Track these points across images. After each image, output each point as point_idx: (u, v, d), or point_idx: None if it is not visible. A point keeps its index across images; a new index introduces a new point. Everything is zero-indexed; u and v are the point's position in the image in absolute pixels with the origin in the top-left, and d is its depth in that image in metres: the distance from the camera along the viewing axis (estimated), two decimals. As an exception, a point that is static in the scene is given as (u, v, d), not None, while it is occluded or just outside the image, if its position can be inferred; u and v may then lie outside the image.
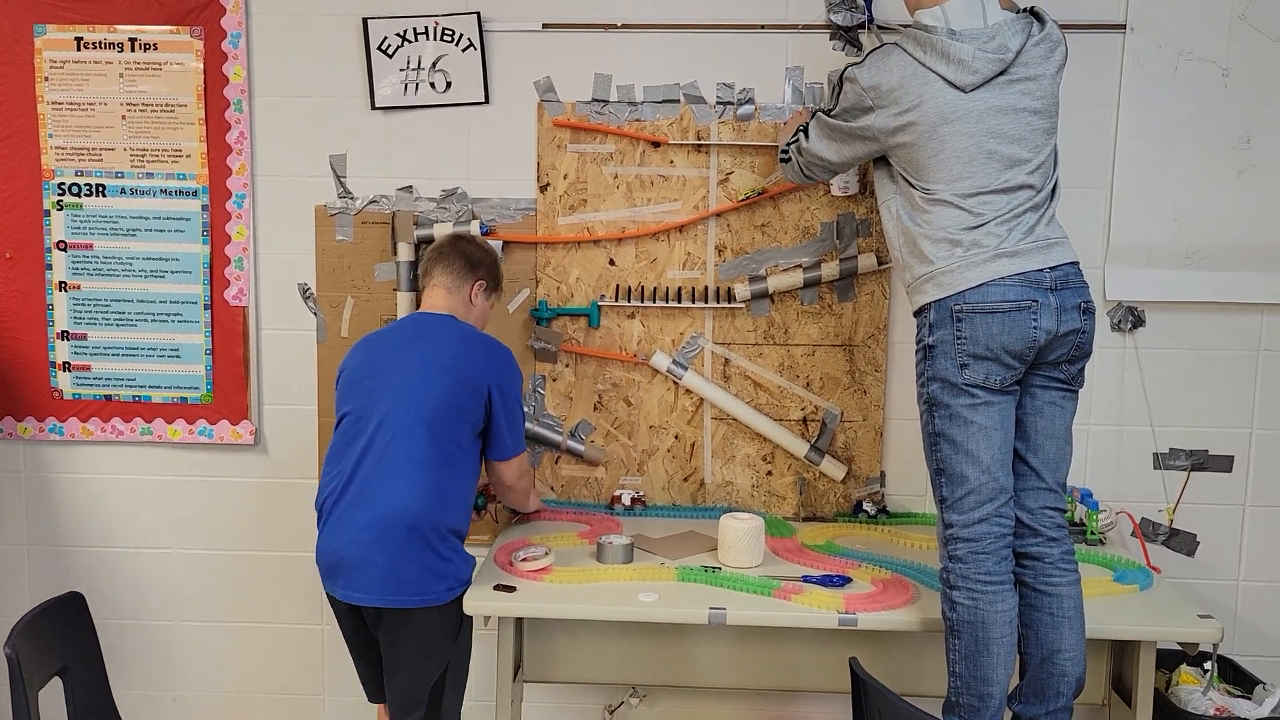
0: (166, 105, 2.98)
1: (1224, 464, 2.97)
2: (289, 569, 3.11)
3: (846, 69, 2.37)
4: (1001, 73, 2.22)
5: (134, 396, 3.08)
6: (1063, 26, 2.78)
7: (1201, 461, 2.97)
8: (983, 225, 2.22)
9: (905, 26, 2.81)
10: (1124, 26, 2.83)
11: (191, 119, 2.98)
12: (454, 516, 2.48)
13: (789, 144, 2.58)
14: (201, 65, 2.96)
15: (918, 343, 2.31)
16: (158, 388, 3.07)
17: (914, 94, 2.24)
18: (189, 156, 3.00)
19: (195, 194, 3.01)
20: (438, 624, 2.46)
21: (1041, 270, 2.21)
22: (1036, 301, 2.19)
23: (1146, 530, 2.99)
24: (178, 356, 3.06)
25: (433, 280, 2.64)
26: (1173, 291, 2.91)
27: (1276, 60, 2.82)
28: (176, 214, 3.02)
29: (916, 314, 2.32)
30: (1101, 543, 2.86)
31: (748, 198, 2.93)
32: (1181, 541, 2.99)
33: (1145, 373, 2.96)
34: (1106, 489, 2.97)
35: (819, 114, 2.47)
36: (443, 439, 2.45)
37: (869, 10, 2.84)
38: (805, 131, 2.51)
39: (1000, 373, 2.21)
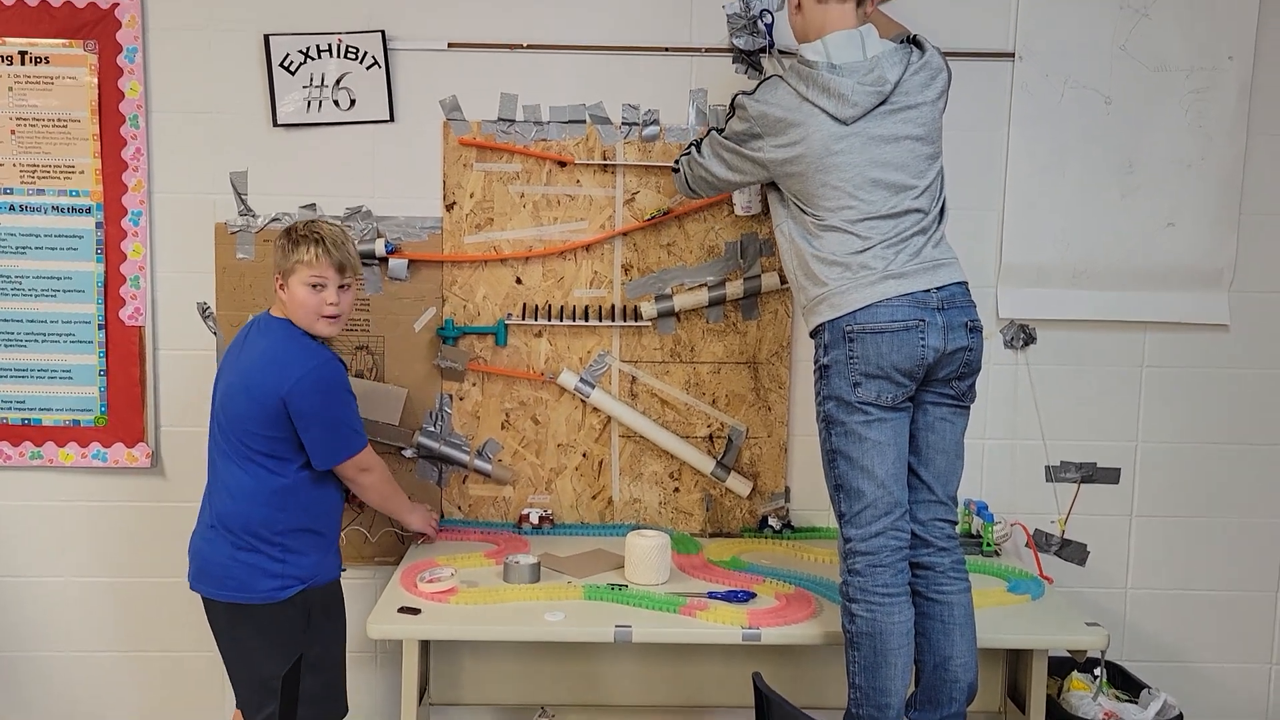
0: (59, 120, 2.90)
1: (1112, 476, 3.09)
2: (188, 596, 3.02)
3: (738, 94, 2.43)
4: (881, 103, 2.29)
5: (24, 420, 2.98)
6: (954, 54, 2.89)
7: (1090, 474, 3.08)
8: (870, 249, 2.28)
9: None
10: (1013, 55, 2.94)
11: (85, 134, 2.91)
12: (280, 519, 2.46)
13: (681, 156, 2.63)
14: (95, 80, 2.89)
15: (815, 363, 2.36)
16: (49, 410, 2.98)
17: (799, 127, 2.31)
18: (82, 173, 2.92)
19: (89, 211, 2.93)
20: (273, 620, 2.46)
21: (929, 290, 2.28)
22: (924, 321, 2.26)
23: (1039, 541, 3.09)
24: (70, 378, 2.97)
25: None
26: (1061, 310, 3.02)
27: (1155, 89, 2.95)
28: (69, 231, 2.94)
29: (812, 335, 2.37)
30: (997, 554, 2.95)
31: (653, 217, 2.96)
32: (1073, 551, 3.10)
33: (1037, 388, 3.06)
34: (1001, 501, 3.06)
35: (713, 131, 2.52)
36: (255, 452, 2.45)
37: (770, 35, 2.90)
38: (698, 146, 2.56)
39: (891, 390, 2.27)
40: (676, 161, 2.65)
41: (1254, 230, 3.01)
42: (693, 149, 2.58)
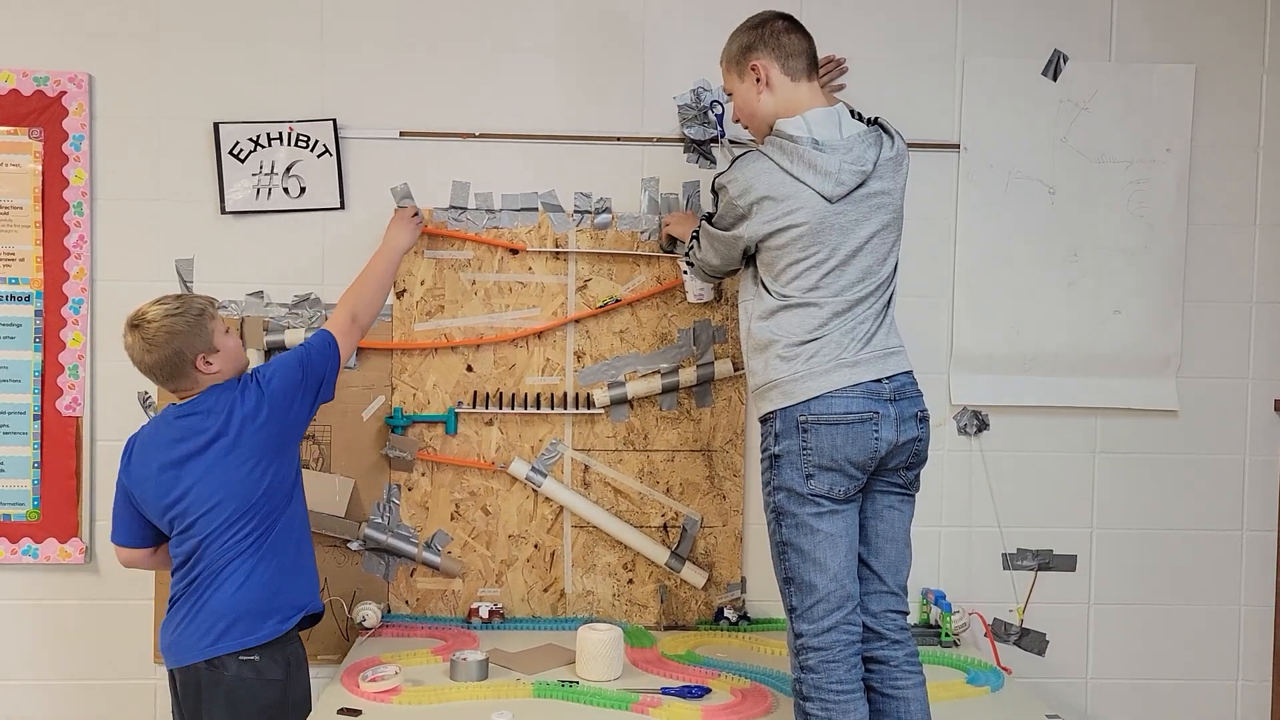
0: (0, 207, 2.86)
1: (1068, 563, 3.07)
2: (126, 696, 2.90)
3: (716, 178, 2.37)
4: (861, 184, 2.26)
5: (-49, 513, 2.87)
6: (901, 145, 2.93)
7: (1047, 561, 3.06)
8: (826, 335, 2.25)
9: (751, 142, 2.93)
10: (958, 146, 3.00)
11: (27, 221, 2.86)
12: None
13: (687, 252, 2.59)
14: (40, 167, 2.85)
15: (763, 451, 2.31)
16: (-21, 503, 2.87)
17: (787, 200, 2.24)
18: (23, 260, 2.87)
19: (28, 299, 2.87)
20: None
21: (880, 380, 2.26)
22: (878, 413, 2.23)
23: (998, 630, 3.05)
24: (2, 470, 2.87)
25: None
26: (1013, 396, 3.03)
27: (1096, 180, 3.02)
28: (7, 320, 2.87)
29: (762, 421, 2.32)
30: (956, 644, 2.90)
31: (604, 305, 2.95)
32: (1032, 641, 3.06)
33: (991, 474, 3.05)
34: (959, 590, 3.02)
35: (704, 222, 2.45)
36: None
37: (720, 125, 2.93)
38: (697, 239, 2.52)
39: (844, 483, 2.23)
40: (687, 257, 2.58)
41: (1198, 317, 3.06)
42: (694, 243, 2.52)
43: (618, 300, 2.95)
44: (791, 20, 2.39)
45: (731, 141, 2.95)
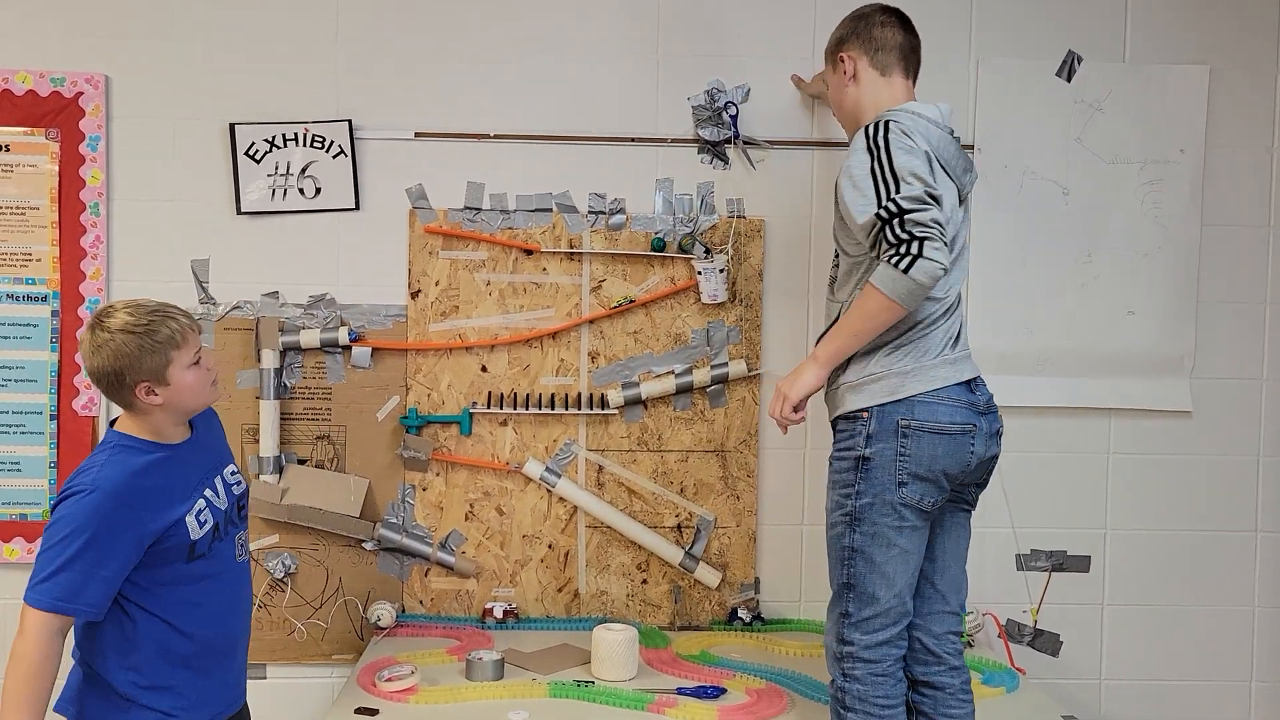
0: (17, 208, 2.87)
1: (1082, 564, 3.07)
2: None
3: (868, 142, 2.11)
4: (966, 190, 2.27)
5: (-32, 513, 2.88)
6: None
7: (1061, 562, 3.06)
8: (933, 331, 2.16)
9: (769, 144, 2.93)
10: (972, 147, 3.00)
11: (44, 222, 2.87)
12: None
13: (895, 247, 2.03)
14: (56, 168, 2.86)
15: (845, 451, 2.18)
16: (-5, 503, 2.89)
17: (941, 182, 2.14)
18: (40, 260, 2.88)
19: (45, 299, 2.88)
20: None
21: (974, 388, 2.18)
22: (975, 426, 2.16)
23: (1012, 631, 3.05)
24: (19, 470, 2.89)
25: None
26: (1027, 396, 3.03)
27: (1110, 181, 3.02)
28: (24, 320, 2.88)
29: (848, 419, 2.18)
30: (970, 645, 2.90)
31: (619, 305, 2.95)
32: (1045, 642, 3.06)
33: (1005, 475, 3.04)
34: (973, 591, 2.96)
35: (895, 219, 2.03)
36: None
37: (735, 126, 2.94)
38: (907, 249, 2.02)
39: (934, 495, 2.15)
40: (895, 251, 2.04)
41: (1211, 318, 3.06)
42: (899, 260, 2.02)
43: (632, 301, 2.95)
44: (893, 13, 2.32)
45: (746, 143, 2.95)
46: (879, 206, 2.06)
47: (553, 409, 2.96)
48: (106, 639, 2.01)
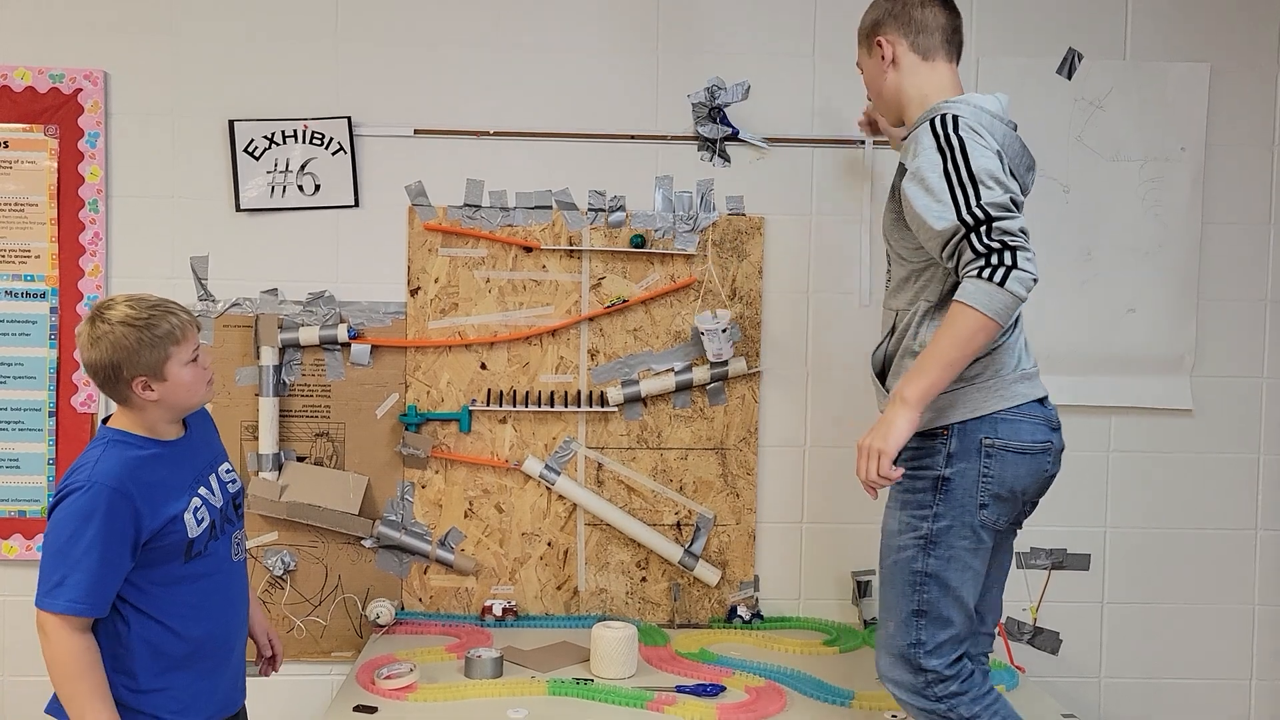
0: (16, 204, 2.86)
1: (1082, 562, 3.06)
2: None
3: (938, 140, 1.94)
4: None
5: (-34, 510, 2.88)
6: (916, 143, 2.93)
7: (1061, 560, 3.06)
8: (1006, 342, 2.03)
9: (768, 143, 2.93)
10: (973, 144, 2.99)
11: (43, 219, 2.87)
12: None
13: (984, 258, 1.87)
14: (55, 164, 2.86)
15: (920, 471, 2.05)
16: (-6, 500, 2.88)
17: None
18: (38, 257, 2.87)
19: (44, 296, 2.88)
20: None
21: (1047, 404, 2.10)
22: (1051, 444, 2.09)
23: (1011, 629, 3.04)
24: (17, 467, 2.88)
25: None
26: (1027, 395, 3.02)
27: (1111, 178, 3.01)
28: (22, 316, 2.88)
29: (924, 436, 2.03)
30: (970, 643, 2.89)
31: (612, 305, 2.94)
32: (1045, 640, 3.05)
33: (1005, 473, 3.04)
34: (973, 589, 3.02)
35: (983, 225, 1.88)
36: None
37: (729, 124, 2.93)
38: (1000, 258, 1.86)
39: (1009, 515, 2.06)
40: (984, 264, 1.88)
41: (1212, 316, 3.05)
42: (992, 272, 1.86)
43: (625, 300, 2.95)
44: None
45: (746, 140, 2.94)
46: (962, 214, 1.88)
47: (552, 406, 2.96)
48: (98, 642, 1.98)
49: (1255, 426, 3.08)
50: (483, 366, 2.96)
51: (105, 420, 2.08)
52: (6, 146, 2.85)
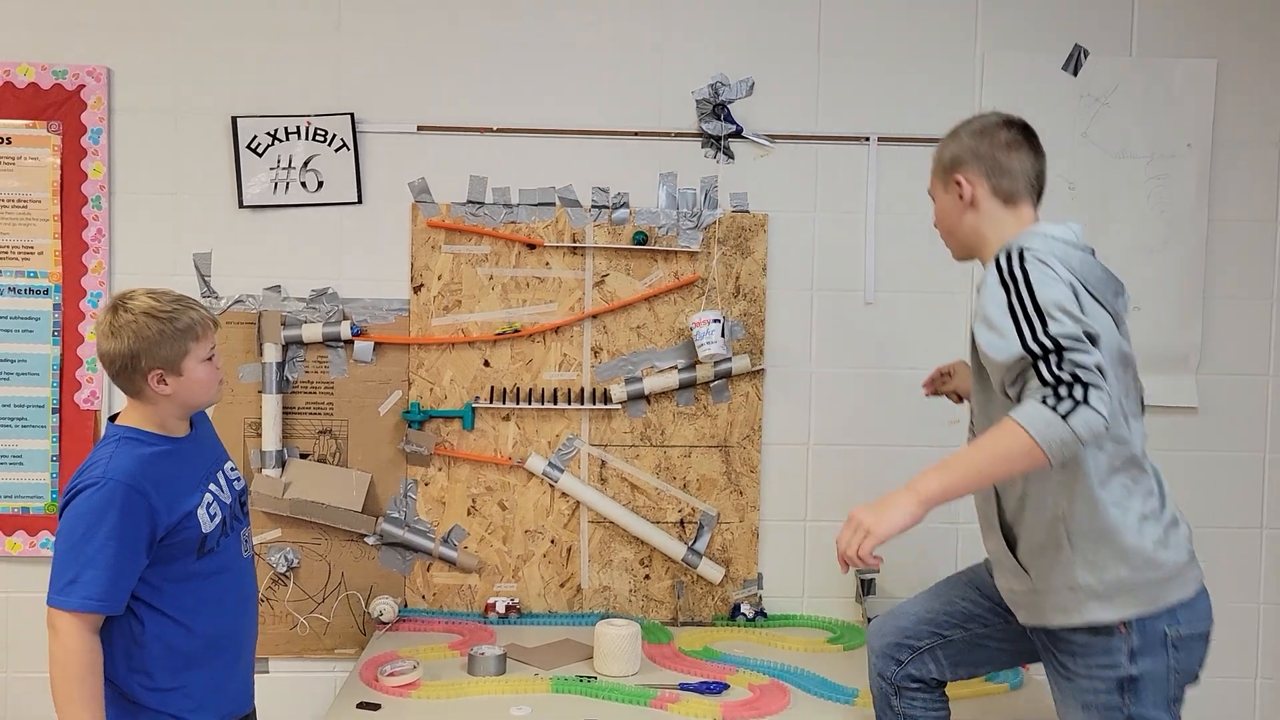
0: (19, 200, 2.86)
1: (1086, 560, 3.05)
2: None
3: (1001, 275, 1.82)
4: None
5: (-30, 506, 2.88)
6: (921, 139, 2.94)
7: (1065, 558, 3.04)
8: (1164, 504, 1.88)
9: (774, 139, 2.92)
10: (978, 141, 2.98)
11: (45, 215, 2.87)
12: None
13: (1053, 388, 1.70)
14: (58, 160, 2.85)
15: (1103, 669, 1.87)
16: (-3, 497, 2.89)
17: (1094, 314, 1.86)
18: (41, 254, 2.87)
19: (47, 292, 2.88)
20: None
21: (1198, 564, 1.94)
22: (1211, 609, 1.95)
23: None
24: (21, 464, 2.88)
25: None
26: (1032, 392, 3.01)
27: (1117, 175, 3.00)
28: (25, 313, 2.88)
29: (1091, 631, 1.87)
30: (974, 641, 2.89)
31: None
32: (1050, 638, 3.04)
33: (1009, 471, 3.03)
34: (977, 587, 3.01)
35: (1051, 354, 1.72)
36: None
37: (733, 121, 2.92)
38: (1045, 356, 1.72)
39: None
40: (1045, 430, 1.69)
41: (1218, 314, 3.04)
42: (1059, 402, 1.68)
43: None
44: (1021, 130, 2.03)
45: (750, 137, 2.93)
46: (1028, 343, 1.73)
47: (555, 404, 2.95)
48: (113, 642, 1.98)
49: (1261, 424, 3.07)
50: (486, 364, 2.96)
51: (112, 419, 2.08)
52: (10, 143, 2.85)
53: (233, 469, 2.18)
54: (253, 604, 2.20)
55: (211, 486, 2.09)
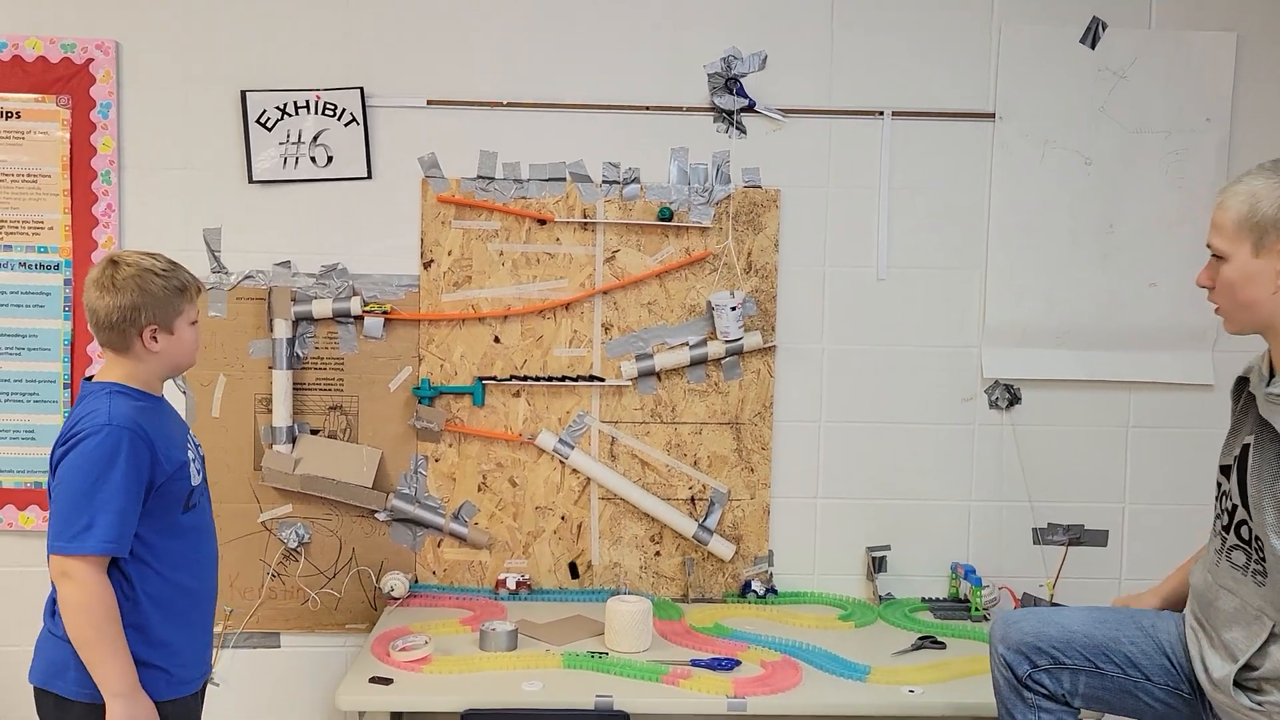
0: (29, 175, 2.85)
1: (1100, 538, 3.04)
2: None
3: None
4: None
5: (-17, 481, 2.89)
6: (935, 114, 2.91)
7: (1078, 536, 3.03)
8: None
9: (784, 113, 2.89)
10: (993, 115, 2.94)
11: (55, 190, 2.86)
12: None
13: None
14: (68, 135, 2.84)
15: None
16: (9, 472, 2.89)
17: None
18: (51, 229, 2.87)
19: (57, 267, 2.87)
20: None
21: None
22: None
23: (1027, 605, 3.02)
24: (33, 439, 2.89)
25: None
26: (1045, 370, 2.99)
27: (1134, 150, 2.96)
28: (36, 288, 2.87)
29: None
30: (985, 618, 2.88)
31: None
32: (1062, 616, 3.03)
33: (1023, 449, 3.02)
34: (989, 565, 3.00)
35: None
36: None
37: (746, 95, 2.89)
38: None
39: None
40: None
41: (1235, 290, 3.01)
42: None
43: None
44: None
45: (762, 112, 2.91)
46: None
47: (565, 380, 2.94)
48: None
49: (1277, 402, 3.04)
50: (496, 340, 2.94)
51: (88, 379, 2.09)
52: (18, 117, 2.84)
53: (193, 437, 2.22)
54: (216, 567, 2.23)
55: (190, 445, 2.15)
